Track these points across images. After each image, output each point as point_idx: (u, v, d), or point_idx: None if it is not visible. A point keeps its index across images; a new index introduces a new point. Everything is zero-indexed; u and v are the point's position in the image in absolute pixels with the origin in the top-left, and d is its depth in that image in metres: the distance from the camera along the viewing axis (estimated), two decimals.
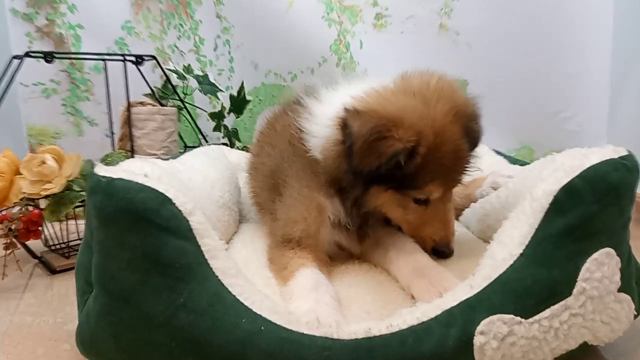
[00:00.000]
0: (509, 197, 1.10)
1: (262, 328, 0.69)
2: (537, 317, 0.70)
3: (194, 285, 0.71)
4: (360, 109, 0.90)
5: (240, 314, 0.70)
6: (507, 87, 2.10)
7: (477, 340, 0.67)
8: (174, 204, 0.73)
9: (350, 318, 0.80)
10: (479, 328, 0.68)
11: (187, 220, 0.74)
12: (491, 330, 0.68)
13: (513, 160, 1.43)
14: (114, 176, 0.73)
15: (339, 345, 0.67)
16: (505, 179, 1.28)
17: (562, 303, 0.71)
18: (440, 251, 0.99)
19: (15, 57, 1.51)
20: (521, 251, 0.74)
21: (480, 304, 0.70)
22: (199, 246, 0.74)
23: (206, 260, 0.74)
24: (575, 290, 0.71)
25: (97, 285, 0.75)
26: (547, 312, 0.70)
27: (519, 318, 0.69)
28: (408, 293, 0.90)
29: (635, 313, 0.79)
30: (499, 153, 1.58)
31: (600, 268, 0.72)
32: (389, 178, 0.89)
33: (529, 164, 1.25)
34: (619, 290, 0.75)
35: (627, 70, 1.94)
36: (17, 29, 1.95)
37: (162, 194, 0.73)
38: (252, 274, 0.98)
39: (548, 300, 0.71)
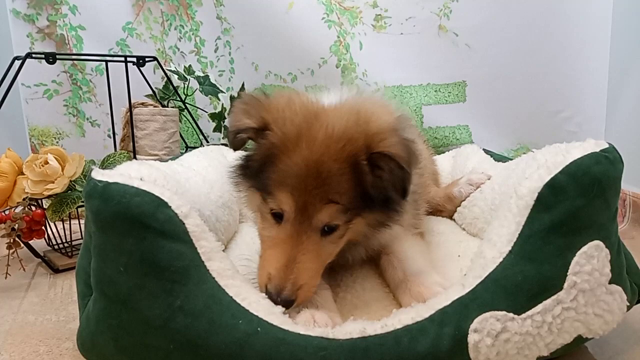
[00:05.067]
0: (495, 198, 1.11)
1: (259, 329, 0.69)
2: (529, 312, 0.71)
3: (191, 288, 0.72)
4: None
5: (237, 315, 0.71)
6: (505, 88, 2.11)
7: (472, 338, 0.68)
8: (170, 207, 0.74)
9: (348, 318, 0.79)
10: (473, 326, 0.69)
11: (183, 223, 0.74)
12: (485, 327, 0.69)
13: (497, 158, 1.45)
14: (110, 180, 0.74)
15: (335, 346, 0.68)
16: (481, 176, 1.30)
17: (553, 297, 0.72)
18: (270, 296, 0.78)
19: (16, 58, 1.52)
20: (510, 248, 0.75)
21: (472, 302, 0.71)
22: (196, 249, 0.74)
23: (203, 262, 0.74)
24: (566, 284, 0.72)
25: (96, 289, 0.76)
26: (539, 307, 0.71)
27: (511, 314, 0.70)
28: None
29: (628, 304, 0.79)
30: (487, 152, 1.60)
31: (590, 261, 0.73)
32: (250, 168, 0.88)
33: (511, 159, 1.27)
34: (610, 282, 0.75)
35: (625, 70, 1.95)
36: (18, 30, 1.96)
37: (157, 197, 0.74)
38: (254, 275, 0.99)
39: (539, 295, 0.72)
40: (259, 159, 0.85)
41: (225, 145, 2.03)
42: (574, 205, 0.74)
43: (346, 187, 0.80)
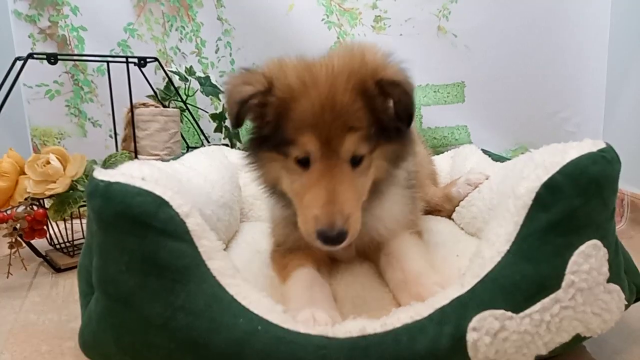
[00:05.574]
0: (493, 198, 1.11)
1: (259, 328, 0.70)
2: (528, 311, 0.71)
3: (192, 287, 0.72)
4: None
5: (238, 314, 0.71)
6: (504, 88, 2.12)
7: (470, 336, 0.69)
8: (171, 206, 0.75)
9: (348, 317, 0.80)
10: (471, 324, 0.69)
11: (184, 223, 0.75)
12: (483, 326, 0.69)
13: (496, 158, 1.46)
14: (112, 180, 0.74)
15: (334, 344, 0.68)
16: (479, 176, 1.31)
17: (551, 296, 0.72)
18: (324, 235, 0.77)
19: (18, 58, 1.53)
20: (508, 248, 0.76)
21: (471, 301, 0.72)
22: (196, 247, 0.75)
23: (204, 261, 0.75)
24: (564, 284, 0.72)
25: (97, 287, 0.77)
26: (537, 306, 0.71)
27: (510, 313, 0.70)
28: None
29: (626, 303, 0.79)
30: (485, 152, 1.61)
31: (588, 260, 0.74)
32: (264, 136, 0.88)
33: (509, 159, 1.28)
34: (608, 281, 0.76)
35: (623, 71, 1.95)
36: (20, 31, 1.98)
37: (159, 197, 0.74)
38: (255, 274, 1.00)
39: (537, 294, 0.72)
40: (272, 119, 0.86)
41: (227, 145, 2.04)
42: (572, 205, 0.74)
43: (362, 114, 0.83)
